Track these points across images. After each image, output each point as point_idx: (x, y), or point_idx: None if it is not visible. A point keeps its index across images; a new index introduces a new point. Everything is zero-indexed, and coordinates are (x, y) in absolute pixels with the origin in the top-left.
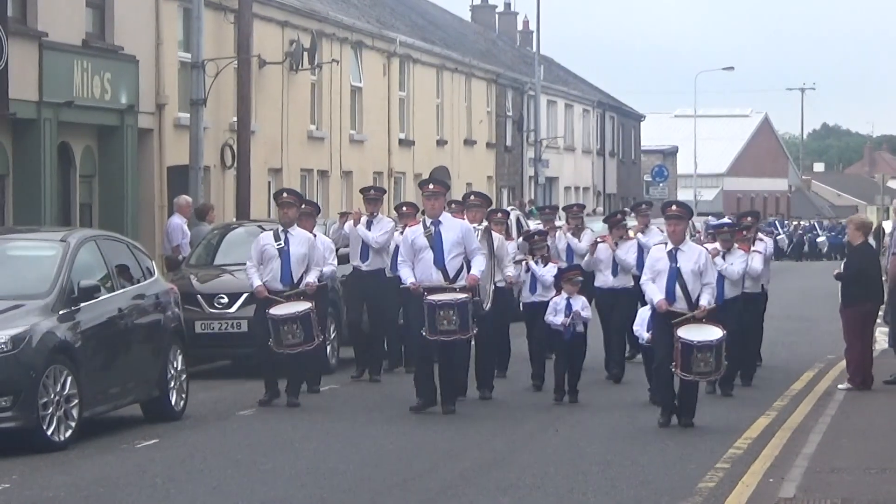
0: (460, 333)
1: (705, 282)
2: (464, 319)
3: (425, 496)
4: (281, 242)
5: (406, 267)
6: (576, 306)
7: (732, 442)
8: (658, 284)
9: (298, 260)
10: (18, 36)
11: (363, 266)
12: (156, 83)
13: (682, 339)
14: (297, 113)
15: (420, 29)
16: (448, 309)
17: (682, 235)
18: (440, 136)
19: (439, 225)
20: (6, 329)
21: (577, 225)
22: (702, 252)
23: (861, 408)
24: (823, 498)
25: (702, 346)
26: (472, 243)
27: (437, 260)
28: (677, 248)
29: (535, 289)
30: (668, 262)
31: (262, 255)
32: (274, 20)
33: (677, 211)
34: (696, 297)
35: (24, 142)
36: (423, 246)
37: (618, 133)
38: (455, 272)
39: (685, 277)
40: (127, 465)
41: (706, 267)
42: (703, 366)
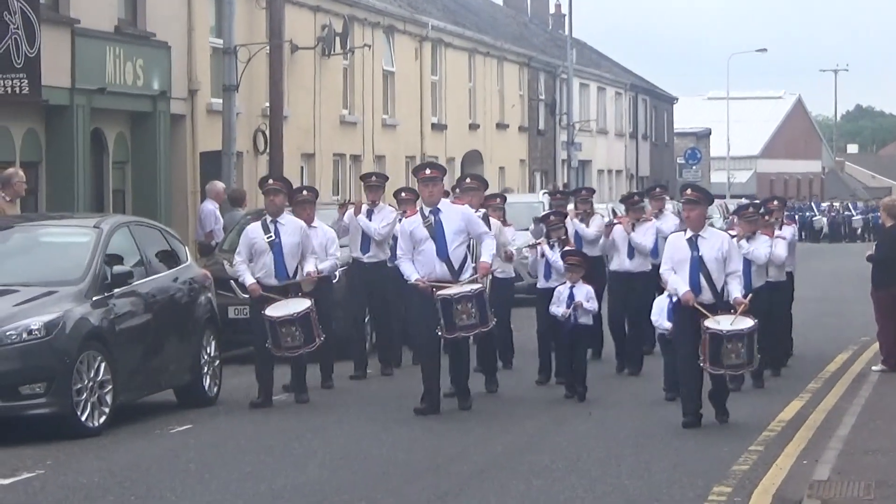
0: (481, 326)
1: (731, 270)
2: (483, 311)
3: (457, 480)
4: (271, 234)
5: (407, 261)
6: (578, 296)
7: (766, 425)
8: (680, 275)
9: (292, 251)
10: (51, 23)
11: (364, 258)
12: (188, 69)
13: (710, 330)
14: (329, 98)
15: (452, 13)
16: (466, 301)
17: (700, 221)
18: (472, 120)
19: (439, 213)
20: (40, 315)
21: (586, 210)
22: (725, 238)
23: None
24: (858, 480)
25: (732, 335)
26: (478, 227)
27: (440, 251)
28: (698, 235)
29: (550, 275)
30: (689, 250)
31: (252, 249)
32: (306, 5)
33: (693, 195)
34: (722, 288)
35: (57, 128)
36: (423, 237)
37: (650, 116)
38: (459, 262)
39: (708, 266)
40: (160, 451)
41: (731, 254)
42: (734, 357)
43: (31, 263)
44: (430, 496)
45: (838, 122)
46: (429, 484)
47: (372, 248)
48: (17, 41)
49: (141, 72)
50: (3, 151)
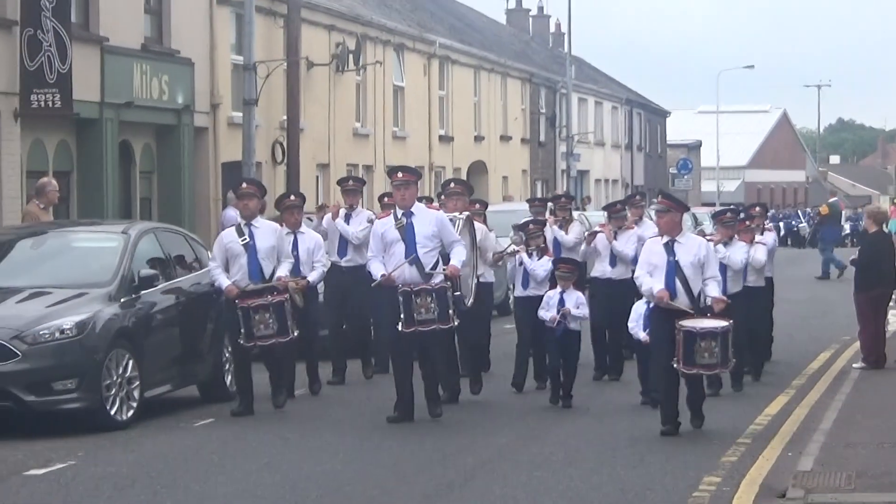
0: (439, 323)
1: (709, 275)
2: (443, 308)
3: (464, 470)
4: (245, 237)
5: (376, 261)
6: (568, 303)
7: (753, 419)
8: (656, 279)
9: (267, 254)
10: (81, 41)
11: (342, 262)
12: (210, 84)
13: (684, 328)
14: (342, 111)
15: (458, 31)
16: (426, 295)
17: (671, 227)
18: (477, 132)
19: (411, 216)
20: (72, 316)
21: (565, 217)
22: (702, 243)
23: (874, 386)
24: (839, 471)
25: (705, 333)
26: (450, 235)
27: (409, 254)
28: (674, 241)
29: (528, 283)
30: (666, 255)
31: (227, 253)
32: (321, 24)
33: (663, 203)
34: (699, 293)
35: (87, 140)
36: (393, 239)
37: (645, 128)
38: (430, 267)
39: (685, 271)
40: (185, 443)
41: (708, 259)
42: (707, 356)
43: (63, 267)
44: (439, 485)
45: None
46: (437, 474)
47: (349, 251)
48: (50, 58)
49: (166, 87)
50: (38, 162)
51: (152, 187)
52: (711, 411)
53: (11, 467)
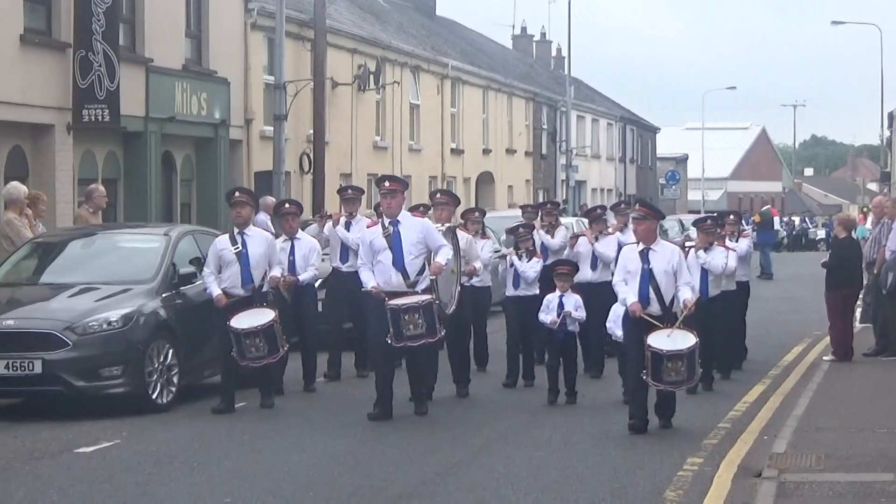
0: (428, 337)
1: (682, 281)
2: (430, 322)
3: (471, 450)
4: (238, 245)
5: (366, 270)
6: (568, 305)
7: (733, 405)
8: (630, 286)
9: (258, 262)
10: (128, 62)
11: (343, 267)
12: (244, 101)
13: (651, 348)
14: (364, 126)
15: (469, 55)
16: (413, 313)
17: (648, 235)
18: (486, 145)
19: (398, 224)
20: (118, 309)
21: (552, 222)
22: (675, 251)
23: (843, 377)
24: (810, 453)
25: (672, 355)
26: (436, 241)
27: (396, 261)
28: (649, 248)
29: (518, 284)
30: (640, 262)
31: (220, 260)
32: (344, 48)
33: (639, 211)
34: (671, 300)
35: (133, 151)
36: (381, 247)
37: (637, 143)
38: (416, 273)
39: (658, 279)
40: (219, 425)
41: (680, 266)
42: (673, 375)
43: (110, 265)
44: (448, 463)
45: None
46: (447, 453)
47: (350, 257)
48: (100, 77)
49: (205, 103)
50: (88, 170)
51: (192, 194)
52: (695, 399)
53: (63, 445)
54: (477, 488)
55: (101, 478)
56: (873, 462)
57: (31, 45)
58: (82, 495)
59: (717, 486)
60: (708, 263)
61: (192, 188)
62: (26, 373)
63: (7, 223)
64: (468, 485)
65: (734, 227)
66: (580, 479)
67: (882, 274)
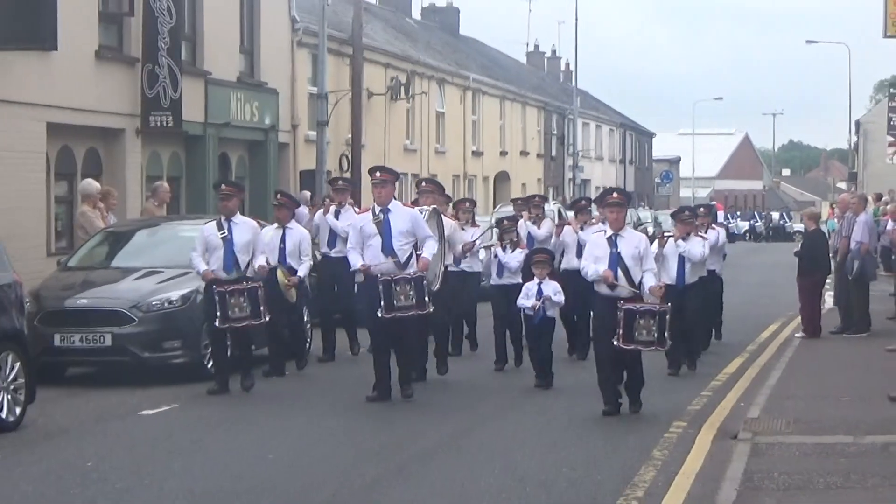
0: (417, 309)
1: (646, 268)
2: (420, 295)
3: (482, 417)
4: (224, 231)
5: (354, 252)
6: (546, 291)
7: (715, 376)
8: (599, 265)
9: (242, 247)
10: (189, 74)
11: (331, 252)
12: (291, 109)
13: (625, 307)
14: (396, 131)
15: (487, 69)
16: (405, 284)
17: (621, 222)
18: (502, 148)
19: (388, 213)
20: (177, 290)
21: (538, 214)
22: (641, 238)
23: (812, 352)
24: (780, 418)
25: (644, 311)
26: (423, 231)
27: (386, 246)
28: (617, 235)
29: (503, 273)
30: (609, 247)
31: (206, 244)
32: (379, 62)
33: (618, 198)
34: (639, 282)
35: (193, 152)
36: (371, 233)
37: (635, 146)
38: (405, 258)
39: (626, 261)
40: (264, 390)
41: (646, 252)
42: (645, 334)
43: (171, 252)
44: (454, 430)
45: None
46: (460, 419)
47: (338, 244)
48: (165, 88)
49: (256, 111)
50: (154, 169)
51: (245, 190)
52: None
53: (129, 408)
54: (485, 448)
55: (161, 436)
56: (835, 426)
57: (105, 59)
58: (145, 451)
59: (699, 447)
60: (687, 252)
61: (246, 185)
62: (98, 345)
63: (82, 215)
64: (478, 444)
65: (704, 219)
66: (580, 437)
67: (848, 262)
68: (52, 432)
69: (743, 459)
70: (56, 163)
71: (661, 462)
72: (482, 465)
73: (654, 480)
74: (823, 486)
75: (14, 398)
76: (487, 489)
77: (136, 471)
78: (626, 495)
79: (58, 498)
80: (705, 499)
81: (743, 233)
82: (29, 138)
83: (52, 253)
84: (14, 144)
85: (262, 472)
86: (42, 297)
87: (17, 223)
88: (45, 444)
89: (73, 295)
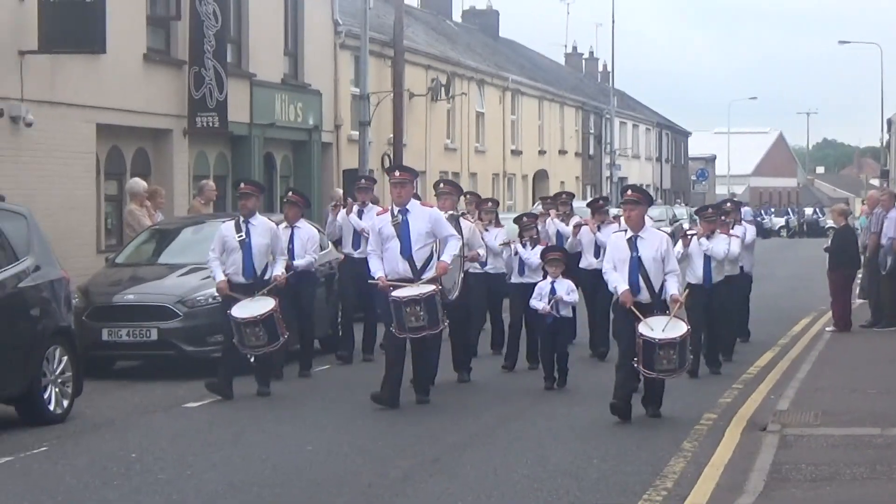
0: (430, 329)
1: (669, 270)
2: (432, 314)
3: (513, 411)
4: (242, 234)
5: (375, 258)
6: (560, 291)
7: (746, 369)
8: (620, 274)
9: (261, 251)
10: (235, 76)
11: (355, 253)
12: (334, 109)
13: (643, 336)
14: (436, 131)
15: (526, 70)
16: (415, 305)
17: (639, 222)
18: (541, 147)
19: (407, 213)
20: None
21: (566, 212)
22: (663, 238)
23: (842, 345)
24: (809, 410)
25: (664, 343)
26: (444, 230)
27: (404, 250)
28: (637, 236)
29: (524, 271)
30: (629, 250)
31: (224, 246)
32: (420, 64)
33: (633, 195)
34: (660, 287)
35: (239, 152)
36: (389, 235)
37: (671, 145)
38: (423, 262)
39: (647, 266)
40: (305, 385)
41: (668, 254)
42: (665, 363)
43: None
44: (486, 423)
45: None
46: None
47: (362, 244)
48: (211, 89)
49: (300, 112)
50: (201, 168)
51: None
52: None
53: (174, 400)
54: (517, 440)
55: (204, 428)
56: (863, 418)
57: (152, 62)
58: (188, 442)
59: (728, 438)
60: (710, 250)
61: (290, 183)
62: (144, 339)
63: (129, 213)
64: (510, 437)
65: (732, 215)
66: (610, 431)
67: (881, 257)
68: (99, 424)
69: (771, 451)
70: (106, 163)
71: (690, 454)
72: (515, 456)
73: (683, 471)
74: (850, 477)
75: (62, 391)
76: (520, 480)
77: (179, 462)
78: (655, 486)
79: (102, 488)
80: (734, 490)
81: (778, 229)
82: (79, 139)
83: (101, 250)
84: (65, 145)
85: (299, 463)
86: (91, 292)
87: (68, 222)
88: (90, 436)
89: (121, 291)
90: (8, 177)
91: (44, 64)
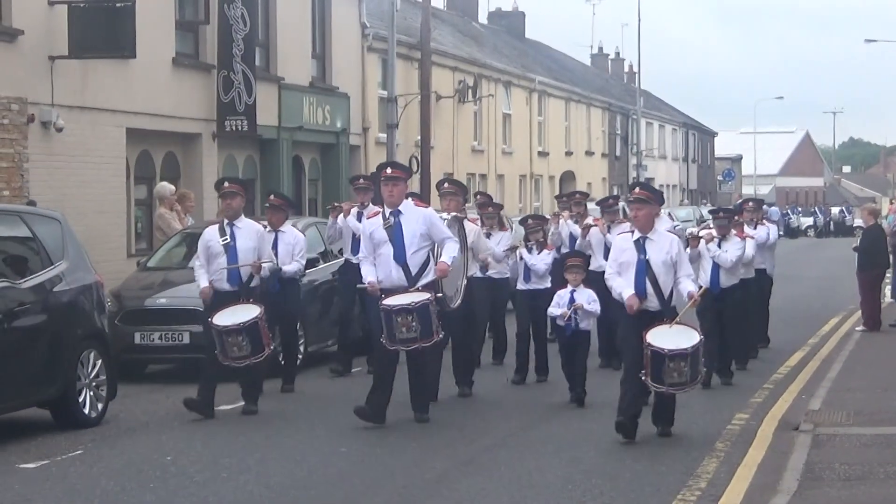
0: (421, 341)
1: (682, 273)
2: (425, 325)
3: (547, 412)
4: (227, 238)
5: (367, 264)
6: (579, 300)
7: (776, 369)
8: (625, 279)
9: (246, 256)
10: (263, 80)
11: (354, 258)
12: (362, 112)
13: (652, 347)
14: (463, 133)
15: (553, 71)
16: (406, 314)
17: (647, 222)
18: (568, 148)
19: (399, 215)
20: None
21: (580, 212)
22: (673, 240)
23: (872, 344)
24: (841, 410)
25: (674, 354)
26: (441, 232)
27: (398, 255)
28: (645, 237)
29: (529, 277)
30: (636, 253)
31: (208, 251)
32: (447, 66)
33: (641, 193)
34: (670, 294)
35: (267, 155)
36: (382, 240)
37: (697, 145)
38: (418, 268)
39: (655, 270)
40: (338, 388)
41: (679, 257)
42: (676, 376)
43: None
44: (520, 425)
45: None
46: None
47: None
48: (240, 93)
49: (328, 115)
50: (230, 172)
51: (317, 191)
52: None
53: None
54: (551, 441)
55: (237, 431)
56: (895, 417)
57: (181, 66)
58: (221, 445)
59: (760, 438)
60: (718, 257)
61: (318, 186)
62: (176, 343)
63: (159, 217)
64: (544, 438)
65: (753, 215)
66: (642, 432)
67: None
68: (133, 427)
69: (804, 451)
70: (136, 167)
71: (723, 454)
72: (549, 457)
73: (716, 471)
74: (884, 476)
75: (96, 394)
76: (554, 480)
77: (214, 464)
78: (689, 486)
79: (138, 491)
80: (767, 489)
81: (805, 228)
82: (109, 143)
83: (132, 254)
84: (95, 150)
85: (334, 465)
86: (123, 296)
87: (99, 226)
88: (125, 439)
89: (153, 294)
90: (39, 182)
91: (74, 69)
